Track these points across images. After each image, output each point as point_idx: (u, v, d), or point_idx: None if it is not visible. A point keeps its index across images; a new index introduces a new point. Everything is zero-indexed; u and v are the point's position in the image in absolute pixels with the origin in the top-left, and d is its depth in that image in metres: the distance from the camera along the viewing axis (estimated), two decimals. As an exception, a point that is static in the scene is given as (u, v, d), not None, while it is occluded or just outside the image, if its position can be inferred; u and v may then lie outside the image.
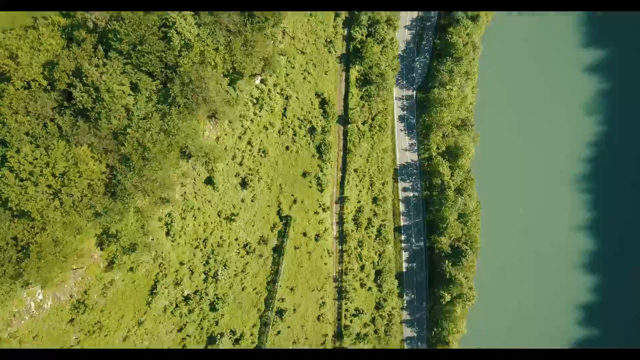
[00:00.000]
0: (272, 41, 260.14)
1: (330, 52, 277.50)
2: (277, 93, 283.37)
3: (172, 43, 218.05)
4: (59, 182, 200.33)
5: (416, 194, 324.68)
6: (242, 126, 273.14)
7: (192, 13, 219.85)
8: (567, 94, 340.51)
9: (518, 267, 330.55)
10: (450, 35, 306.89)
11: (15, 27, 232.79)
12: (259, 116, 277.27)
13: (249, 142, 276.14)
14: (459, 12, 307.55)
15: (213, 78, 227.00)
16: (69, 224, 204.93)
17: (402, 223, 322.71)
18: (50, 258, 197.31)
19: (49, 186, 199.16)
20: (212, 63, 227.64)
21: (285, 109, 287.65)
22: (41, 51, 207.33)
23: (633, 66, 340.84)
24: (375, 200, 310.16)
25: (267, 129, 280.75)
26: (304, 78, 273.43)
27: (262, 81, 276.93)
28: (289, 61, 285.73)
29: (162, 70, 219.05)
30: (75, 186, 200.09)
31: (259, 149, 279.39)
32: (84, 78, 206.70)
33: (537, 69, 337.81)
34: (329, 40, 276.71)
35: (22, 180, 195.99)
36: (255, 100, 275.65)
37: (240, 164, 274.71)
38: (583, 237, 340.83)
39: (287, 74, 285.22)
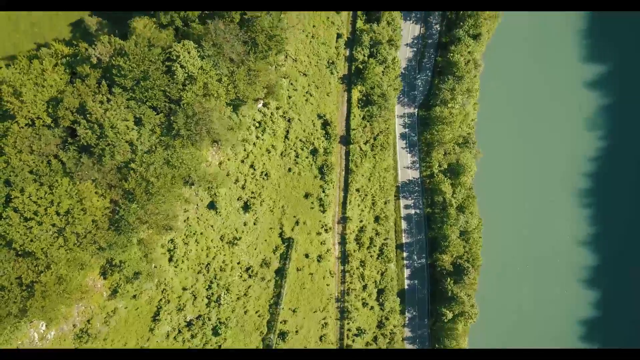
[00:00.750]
0: (275, 67, 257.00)
1: (332, 73, 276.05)
2: (280, 116, 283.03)
3: (175, 77, 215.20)
4: (64, 220, 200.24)
5: (418, 211, 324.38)
6: (245, 150, 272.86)
7: (195, 45, 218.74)
8: (568, 108, 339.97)
9: (519, 280, 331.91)
10: (452, 54, 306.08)
11: (17, 53, 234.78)
12: (262, 139, 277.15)
13: (251, 166, 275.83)
14: (461, 30, 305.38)
15: (216, 109, 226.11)
16: (73, 261, 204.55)
17: (404, 240, 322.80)
18: (55, 297, 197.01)
19: (54, 225, 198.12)
20: (215, 95, 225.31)
21: (287, 132, 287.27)
22: (45, 87, 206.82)
23: (635, 78, 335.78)
24: (377, 219, 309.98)
25: (269, 152, 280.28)
26: (306, 100, 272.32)
27: (264, 105, 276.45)
28: (292, 84, 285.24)
29: (166, 103, 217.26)
30: (79, 224, 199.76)
31: (262, 172, 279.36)
32: (87, 115, 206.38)
33: (539, 84, 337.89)
34: (331, 61, 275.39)
35: (26, 220, 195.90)
36: (257, 124, 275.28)
37: (243, 188, 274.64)
38: (584, 250, 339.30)
39: (290, 97, 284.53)
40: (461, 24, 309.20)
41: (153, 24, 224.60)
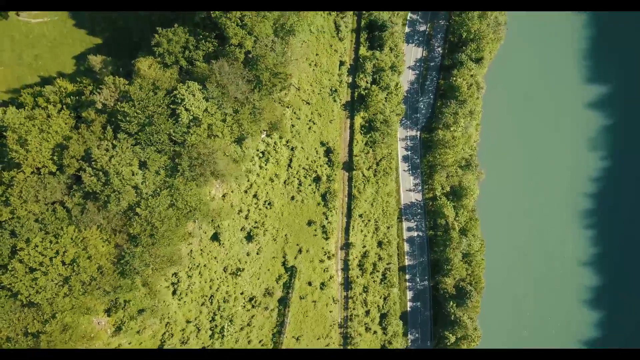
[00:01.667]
0: (279, 102, 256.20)
1: (335, 100, 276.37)
2: (283, 145, 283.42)
3: (180, 119, 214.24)
4: (69, 269, 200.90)
5: (420, 233, 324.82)
6: (248, 180, 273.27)
7: (199, 87, 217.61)
8: (571, 128, 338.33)
9: (521, 299, 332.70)
10: (454, 78, 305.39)
11: (21, 86, 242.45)
12: (265, 169, 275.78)
13: (254, 195, 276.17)
14: (463, 54, 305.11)
15: (221, 149, 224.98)
16: (78, 307, 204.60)
17: (406, 262, 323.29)
18: (61, 346, 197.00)
19: (59, 274, 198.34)
20: (220, 135, 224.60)
21: (290, 160, 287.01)
22: (50, 133, 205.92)
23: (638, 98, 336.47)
24: (380, 244, 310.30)
25: (272, 181, 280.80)
26: (309, 128, 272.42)
27: (268, 135, 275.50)
28: (295, 112, 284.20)
29: (170, 145, 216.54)
30: (85, 272, 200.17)
31: (265, 201, 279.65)
32: (93, 163, 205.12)
33: (541, 103, 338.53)
34: (333, 89, 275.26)
35: (32, 270, 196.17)
36: (261, 154, 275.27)
37: (246, 218, 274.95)
38: (587, 271, 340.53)
39: (293, 125, 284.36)
40: (463, 47, 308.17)
41: (157, 63, 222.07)
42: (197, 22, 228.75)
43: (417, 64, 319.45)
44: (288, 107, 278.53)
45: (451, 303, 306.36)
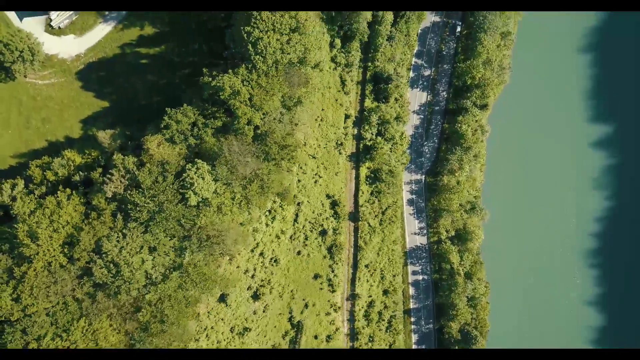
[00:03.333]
0: (287, 170, 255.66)
1: (340, 153, 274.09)
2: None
3: (189, 203, 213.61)
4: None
5: (425, 277, 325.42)
6: (255, 240, 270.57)
7: (209, 169, 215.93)
8: (575, 168, 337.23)
9: (526, 342, 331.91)
10: (459, 125, 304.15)
11: (28, 150, 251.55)
12: (272, 227, 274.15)
13: (261, 254, 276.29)
14: (468, 101, 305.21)
15: (230, 227, 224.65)
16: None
17: (411, 306, 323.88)
18: None
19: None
20: (229, 213, 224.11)
21: (297, 215, 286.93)
22: (61, 223, 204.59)
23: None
24: (386, 292, 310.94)
25: (278, 238, 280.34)
26: (315, 182, 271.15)
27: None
28: (301, 167, 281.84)
29: (180, 229, 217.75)
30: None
31: (271, 259, 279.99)
32: (103, 255, 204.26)
33: (545, 144, 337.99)
34: (339, 142, 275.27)
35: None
36: (267, 212, 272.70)
37: (253, 277, 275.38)
38: (591, 312, 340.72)
39: (299, 180, 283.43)
40: (468, 94, 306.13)
41: (166, 141, 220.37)
42: (205, 98, 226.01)
43: (422, 108, 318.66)
44: (292, 170, 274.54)
45: (457, 347, 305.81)
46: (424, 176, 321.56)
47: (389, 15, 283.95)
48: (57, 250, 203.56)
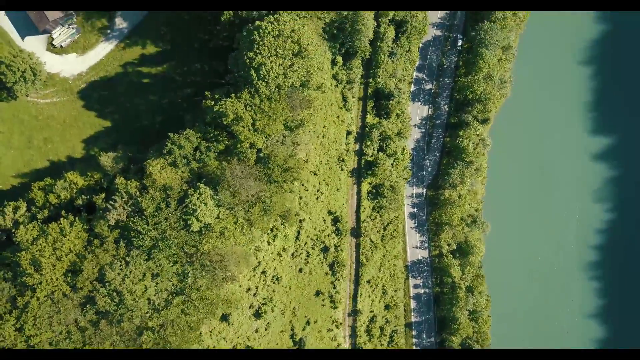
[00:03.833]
0: (290, 191, 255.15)
1: (342, 169, 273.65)
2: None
3: (191, 228, 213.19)
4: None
5: (427, 290, 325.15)
6: (256, 258, 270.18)
7: (211, 194, 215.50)
8: (576, 179, 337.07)
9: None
10: (460, 139, 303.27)
11: (30, 170, 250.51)
12: (273, 245, 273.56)
13: (263, 272, 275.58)
14: (469, 115, 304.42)
15: (232, 252, 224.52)
16: None
17: (412, 319, 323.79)
18: None
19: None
20: (232, 238, 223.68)
21: (298, 232, 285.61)
22: (64, 251, 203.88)
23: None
24: (387, 307, 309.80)
25: (280, 255, 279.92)
26: (317, 198, 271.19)
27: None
28: (303, 184, 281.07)
29: (183, 256, 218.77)
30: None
31: (273, 276, 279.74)
32: (107, 284, 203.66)
33: (547, 156, 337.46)
34: (341, 158, 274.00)
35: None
36: (269, 231, 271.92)
37: (255, 295, 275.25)
38: (594, 325, 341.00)
39: (301, 197, 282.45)
40: (469, 108, 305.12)
41: (169, 165, 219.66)
42: (208, 122, 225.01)
43: (423, 122, 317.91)
44: (296, 180, 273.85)
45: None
46: (425, 189, 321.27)
47: (390, 32, 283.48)
48: (60, 279, 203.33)
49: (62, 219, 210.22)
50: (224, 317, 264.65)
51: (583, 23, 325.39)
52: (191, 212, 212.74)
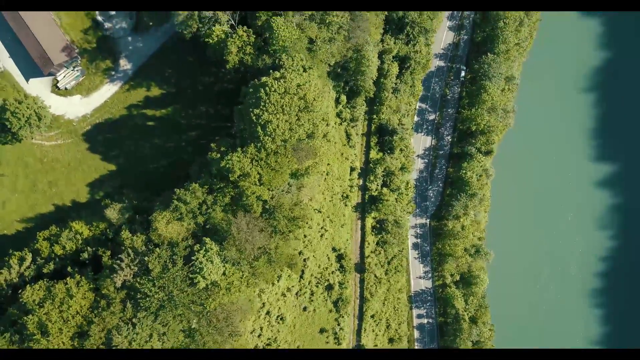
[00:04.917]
0: (294, 238, 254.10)
1: (346, 205, 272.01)
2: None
3: (198, 286, 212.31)
4: None
5: (430, 320, 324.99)
6: (261, 300, 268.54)
7: (218, 251, 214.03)
8: (579, 208, 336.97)
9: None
10: (464, 171, 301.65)
11: (34, 215, 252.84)
12: (277, 285, 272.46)
13: (267, 313, 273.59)
14: (473, 147, 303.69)
15: (238, 308, 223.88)
16: None
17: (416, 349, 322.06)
18: None
19: None
20: (238, 293, 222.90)
21: (302, 272, 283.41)
22: (70, 313, 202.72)
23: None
24: (391, 340, 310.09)
25: (284, 295, 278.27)
26: (321, 235, 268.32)
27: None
28: (306, 222, 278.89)
29: (190, 314, 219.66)
30: None
31: (277, 316, 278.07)
32: (114, 347, 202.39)
33: (549, 184, 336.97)
34: (345, 195, 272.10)
35: None
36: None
37: (259, 336, 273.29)
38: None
39: (305, 236, 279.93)
40: (472, 140, 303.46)
41: (175, 219, 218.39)
42: (214, 174, 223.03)
43: (426, 153, 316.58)
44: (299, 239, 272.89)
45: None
46: (428, 220, 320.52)
47: (394, 68, 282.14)
48: (67, 344, 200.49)
49: (68, 278, 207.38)
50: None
51: (586, 50, 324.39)
52: (198, 270, 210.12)
